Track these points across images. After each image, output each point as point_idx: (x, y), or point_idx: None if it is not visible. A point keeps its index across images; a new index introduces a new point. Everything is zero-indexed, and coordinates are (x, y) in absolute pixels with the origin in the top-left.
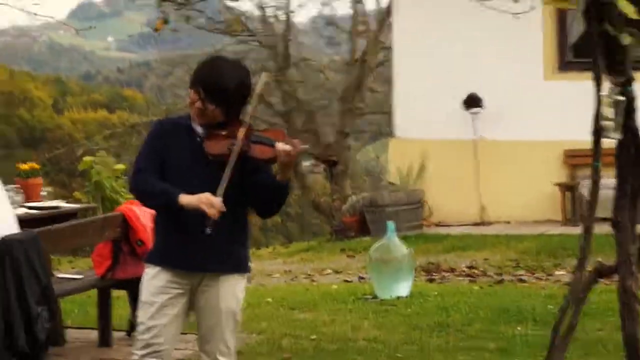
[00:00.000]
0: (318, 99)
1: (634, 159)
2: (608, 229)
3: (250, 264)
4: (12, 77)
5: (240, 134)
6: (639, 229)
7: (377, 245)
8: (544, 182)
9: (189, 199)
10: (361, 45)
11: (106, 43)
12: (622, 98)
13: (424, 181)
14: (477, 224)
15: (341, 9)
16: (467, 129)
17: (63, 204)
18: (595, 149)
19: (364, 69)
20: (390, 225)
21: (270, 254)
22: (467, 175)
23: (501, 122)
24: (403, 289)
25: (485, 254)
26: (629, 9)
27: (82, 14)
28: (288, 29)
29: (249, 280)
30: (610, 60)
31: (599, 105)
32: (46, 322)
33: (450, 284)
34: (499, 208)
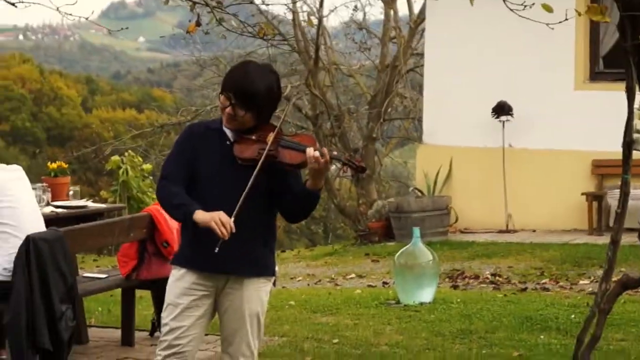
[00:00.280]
0: (347, 103)
1: None
2: (633, 239)
3: (276, 267)
4: (43, 76)
5: (270, 138)
6: None
7: (402, 250)
8: (571, 192)
9: (202, 217)
10: (392, 51)
11: (137, 43)
12: None
13: (450, 188)
14: (503, 231)
15: (373, 14)
16: (495, 137)
17: (90, 204)
18: (626, 161)
19: (393, 74)
20: (415, 231)
21: (294, 257)
22: (494, 182)
23: (530, 131)
24: (427, 295)
25: (510, 261)
26: None
27: (114, 14)
28: (319, 34)
29: (274, 284)
30: None
31: (631, 118)
32: (70, 321)
33: (474, 291)
34: (525, 216)
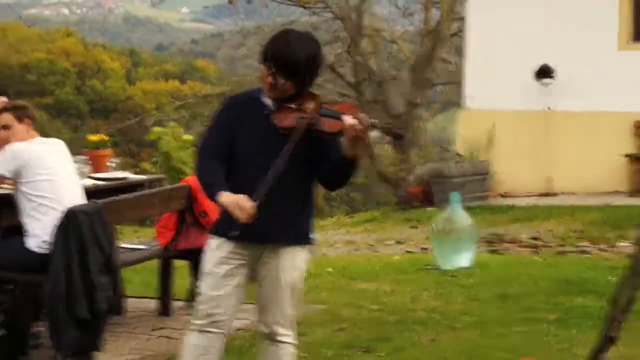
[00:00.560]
0: (389, 69)
1: None
2: None
3: (315, 236)
4: (86, 49)
5: (310, 106)
6: None
7: (441, 216)
8: (612, 153)
9: (225, 199)
10: (435, 16)
11: (181, 14)
12: None
13: (491, 152)
14: (543, 195)
15: None
16: (538, 100)
17: (130, 175)
18: None
19: (437, 39)
20: (454, 195)
21: (334, 224)
22: (535, 146)
23: (572, 93)
24: (464, 259)
25: (549, 225)
26: None
27: None
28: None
29: (312, 252)
30: None
31: None
32: (108, 291)
33: (513, 255)
34: (566, 179)
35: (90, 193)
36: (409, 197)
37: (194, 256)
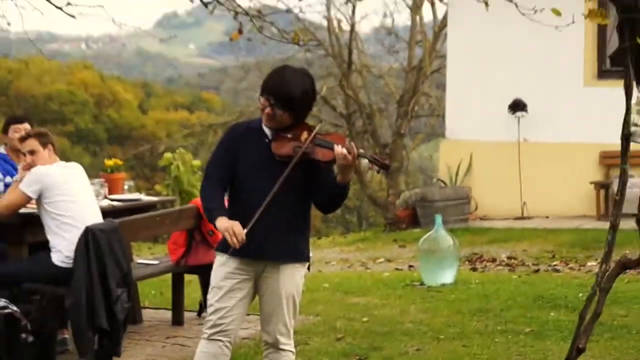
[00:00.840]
0: (377, 102)
1: None
2: (635, 224)
3: (311, 254)
4: (103, 81)
5: (305, 137)
6: None
7: (426, 236)
8: (581, 181)
9: (220, 224)
10: (418, 54)
11: (189, 50)
12: None
13: (471, 178)
14: (519, 218)
15: (401, 20)
16: (512, 132)
17: (143, 197)
18: (624, 152)
19: (420, 75)
20: (437, 218)
21: (329, 243)
22: (510, 173)
23: (543, 125)
24: (448, 276)
25: (524, 245)
26: None
27: (167, 23)
28: (352, 39)
29: (308, 268)
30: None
31: (629, 113)
32: (125, 303)
33: (492, 272)
34: (539, 204)
35: (107, 213)
36: (397, 220)
37: (203, 271)
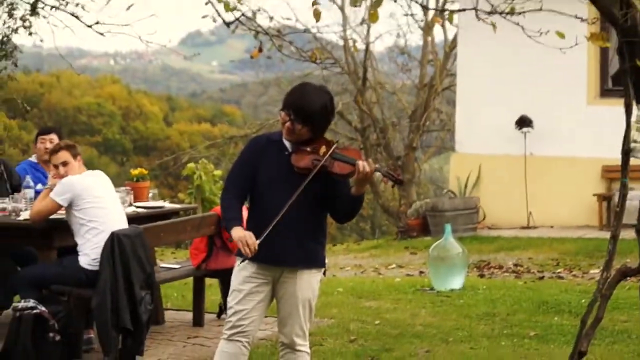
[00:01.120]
0: (391, 117)
1: None
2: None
3: (326, 260)
4: (130, 94)
5: (324, 151)
6: None
7: (436, 244)
8: (584, 193)
9: (235, 233)
10: (429, 72)
11: (211, 66)
12: None
13: (479, 190)
14: (525, 227)
15: (413, 40)
16: (518, 146)
17: (167, 204)
18: (624, 167)
19: (431, 92)
20: (447, 227)
21: (343, 250)
22: (517, 185)
23: (548, 140)
24: (457, 282)
25: (530, 253)
26: None
27: (191, 41)
28: (367, 57)
29: (324, 273)
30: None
31: (628, 130)
32: (148, 304)
33: (498, 279)
34: (544, 214)
35: (132, 219)
36: (408, 228)
37: (223, 275)
